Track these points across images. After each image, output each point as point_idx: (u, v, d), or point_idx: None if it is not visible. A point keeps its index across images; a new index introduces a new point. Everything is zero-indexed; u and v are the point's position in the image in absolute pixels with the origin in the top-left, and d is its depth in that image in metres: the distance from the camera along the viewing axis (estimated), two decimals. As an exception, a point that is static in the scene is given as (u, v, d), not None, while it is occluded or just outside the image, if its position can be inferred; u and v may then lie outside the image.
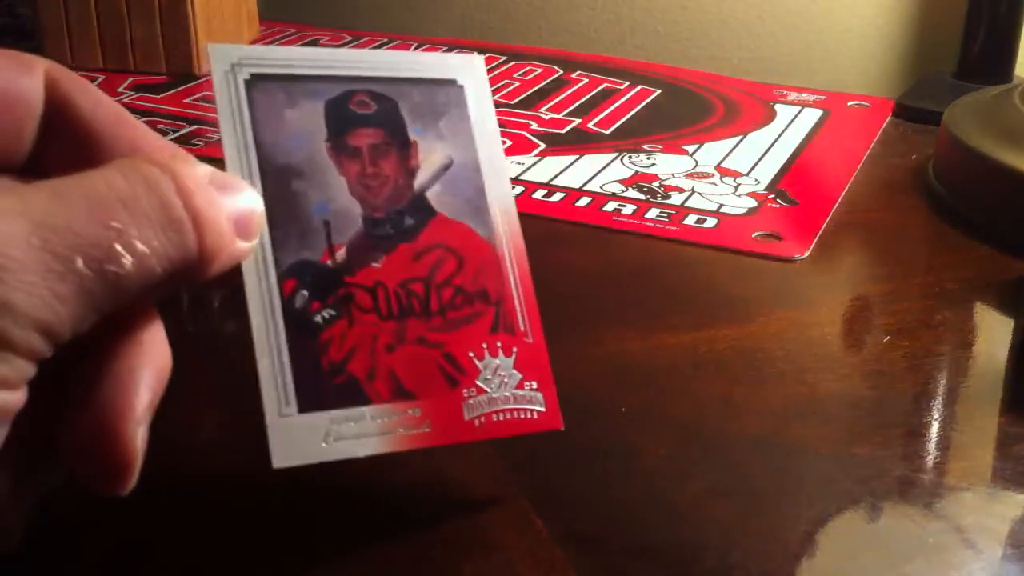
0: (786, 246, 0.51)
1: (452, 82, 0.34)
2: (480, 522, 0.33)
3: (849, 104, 0.72)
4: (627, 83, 0.75)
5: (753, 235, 0.52)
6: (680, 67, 0.80)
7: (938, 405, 0.39)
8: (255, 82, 0.31)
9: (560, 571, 0.31)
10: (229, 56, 0.31)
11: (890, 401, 0.39)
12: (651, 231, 0.52)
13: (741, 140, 0.65)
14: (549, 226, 0.53)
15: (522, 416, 0.31)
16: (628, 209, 0.54)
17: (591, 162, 0.61)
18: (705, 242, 0.51)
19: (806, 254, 0.50)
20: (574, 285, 0.48)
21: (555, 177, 0.59)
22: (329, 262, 0.30)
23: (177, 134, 0.64)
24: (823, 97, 0.73)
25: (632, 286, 0.48)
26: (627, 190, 0.57)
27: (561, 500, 0.34)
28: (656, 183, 0.58)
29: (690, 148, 0.63)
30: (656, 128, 0.67)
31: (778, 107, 0.71)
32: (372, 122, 0.32)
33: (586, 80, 0.75)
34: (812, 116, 0.69)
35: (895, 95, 0.73)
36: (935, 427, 0.38)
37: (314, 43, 0.83)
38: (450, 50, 0.81)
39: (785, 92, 0.74)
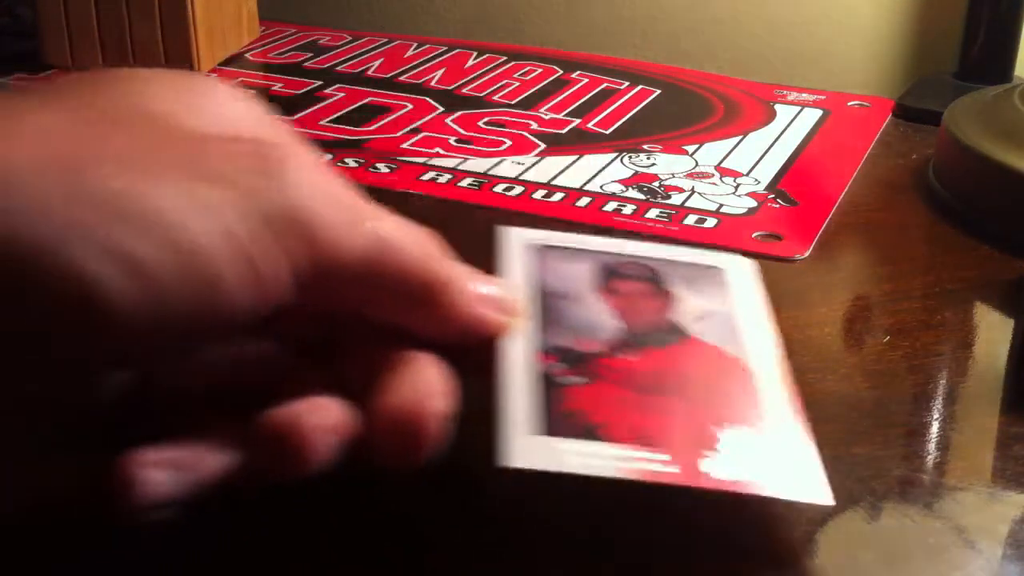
0: (786, 246, 0.51)
1: (715, 267, 0.38)
2: (480, 522, 0.33)
3: (849, 104, 0.72)
4: (627, 83, 0.75)
5: (753, 235, 0.52)
6: (680, 67, 0.80)
7: (938, 405, 0.39)
8: (540, 249, 0.37)
9: (560, 571, 0.31)
10: (521, 237, 0.38)
11: (890, 401, 0.39)
12: (651, 231, 0.52)
13: (741, 140, 0.65)
14: (549, 226, 0.53)
15: (781, 482, 0.30)
16: (628, 209, 0.54)
17: (591, 162, 0.61)
18: (705, 242, 0.51)
19: (806, 254, 0.50)
20: (574, 285, 0.48)
21: (555, 177, 0.59)
22: (585, 351, 0.33)
23: (177, 134, 0.64)
24: (823, 97, 0.73)
25: (632, 286, 0.48)
26: (627, 190, 0.57)
27: (560, 500, 0.34)
28: (656, 183, 0.58)
29: (690, 148, 0.63)
30: (656, 128, 0.67)
31: (778, 107, 0.71)
32: (637, 278, 0.37)
33: (586, 80, 0.75)
34: (812, 116, 0.69)
35: (895, 95, 0.73)
36: (935, 427, 0.38)
37: (314, 43, 0.83)
38: (450, 50, 0.81)
39: (785, 92, 0.74)
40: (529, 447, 0.29)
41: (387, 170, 0.59)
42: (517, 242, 0.37)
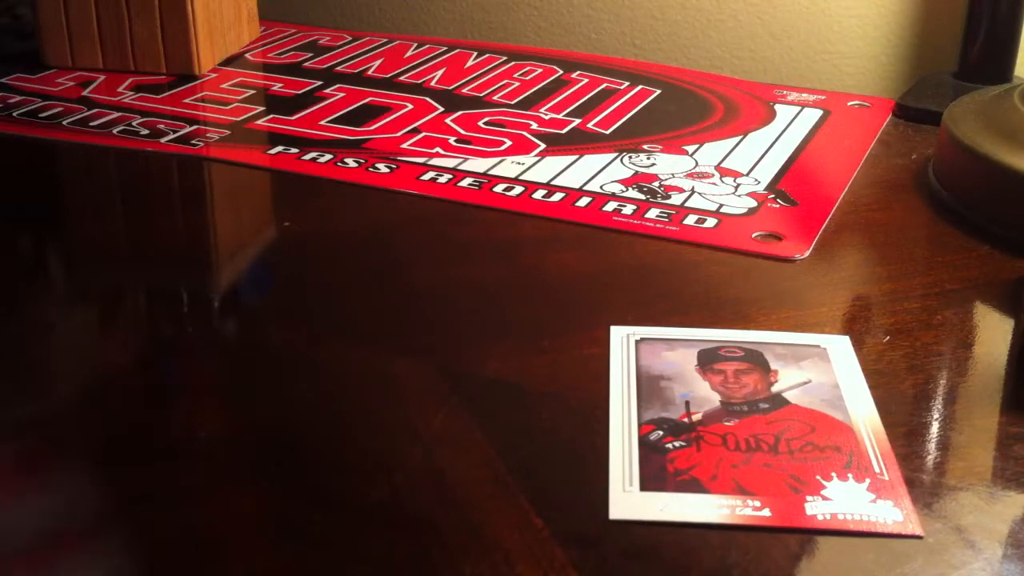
0: (786, 246, 0.51)
1: (816, 346, 0.42)
2: (480, 522, 0.33)
3: (849, 104, 0.72)
4: (627, 83, 0.75)
5: (753, 235, 0.52)
6: (680, 67, 0.80)
7: (938, 405, 0.39)
8: (642, 342, 0.42)
9: (560, 571, 0.31)
10: (625, 331, 0.42)
11: (890, 401, 0.39)
12: (651, 231, 0.52)
13: (741, 140, 0.65)
14: (549, 226, 0.53)
15: (874, 519, 0.33)
16: (628, 209, 0.54)
17: (591, 162, 0.61)
18: (705, 242, 0.51)
19: (806, 254, 0.50)
20: (574, 285, 0.48)
21: (555, 177, 0.59)
22: (686, 420, 0.37)
23: (177, 134, 0.64)
24: (823, 97, 0.73)
25: (632, 286, 0.48)
26: (627, 190, 0.57)
27: (561, 500, 0.34)
28: (656, 183, 0.58)
29: (690, 148, 0.63)
30: (656, 128, 0.67)
31: (778, 107, 0.71)
32: (738, 359, 0.41)
33: (586, 80, 0.75)
34: (812, 116, 0.69)
35: (895, 95, 0.73)
36: (935, 427, 0.38)
37: (314, 43, 0.83)
38: (450, 50, 0.81)
39: (785, 92, 0.74)
40: (628, 502, 0.33)
41: (387, 170, 0.59)
42: (618, 336, 0.42)
